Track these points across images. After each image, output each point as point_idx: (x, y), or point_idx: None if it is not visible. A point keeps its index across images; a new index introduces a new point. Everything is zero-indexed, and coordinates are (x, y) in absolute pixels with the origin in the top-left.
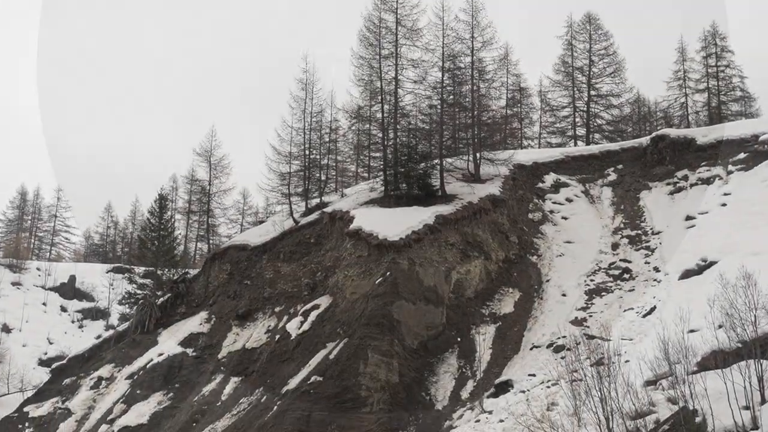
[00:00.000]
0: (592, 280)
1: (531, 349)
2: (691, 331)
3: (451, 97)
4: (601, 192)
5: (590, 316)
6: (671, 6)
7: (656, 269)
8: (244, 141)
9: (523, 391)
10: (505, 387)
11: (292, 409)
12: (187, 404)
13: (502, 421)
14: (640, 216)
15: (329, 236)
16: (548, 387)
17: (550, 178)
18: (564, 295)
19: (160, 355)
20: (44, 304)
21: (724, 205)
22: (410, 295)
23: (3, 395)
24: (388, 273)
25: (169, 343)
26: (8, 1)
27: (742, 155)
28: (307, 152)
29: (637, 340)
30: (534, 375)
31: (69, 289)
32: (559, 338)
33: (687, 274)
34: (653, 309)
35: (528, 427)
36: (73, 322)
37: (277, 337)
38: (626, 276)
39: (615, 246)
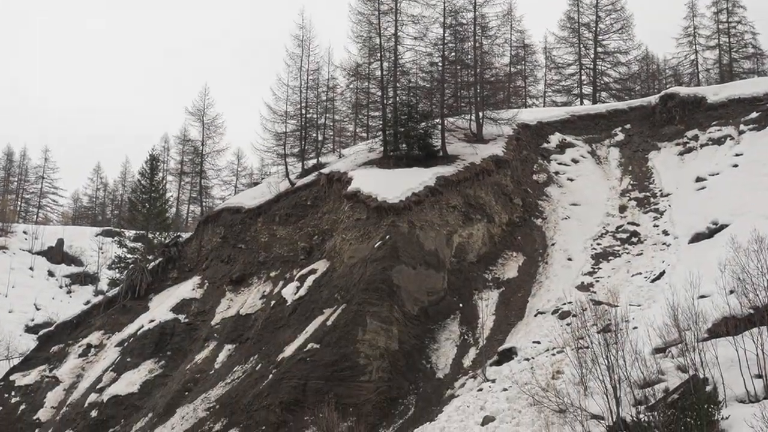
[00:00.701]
0: (598, 244)
1: (535, 315)
2: (702, 296)
3: (453, 54)
4: (608, 152)
5: (597, 281)
6: None
7: (665, 232)
8: (238, 100)
9: (528, 359)
10: (508, 355)
11: (288, 377)
12: (179, 372)
13: (505, 390)
14: (648, 177)
15: (326, 198)
16: (553, 355)
17: (555, 138)
18: (570, 259)
19: (151, 321)
20: (31, 268)
21: (735, 166)
22: (410, 260)
23: None
24: (387, 236)
25: (160, 309)
26: None
27: (754, 114)
28: (303, 111)
29: (646, 306)
30: (539, 342)
31: (57, 253)
32: (564, 304)
33: (697, 238)
34: (662, 274)
35: (533, 396)
36: (61, 287)
37: (273, 302)
38: (634, 239)
39: (622, 208)
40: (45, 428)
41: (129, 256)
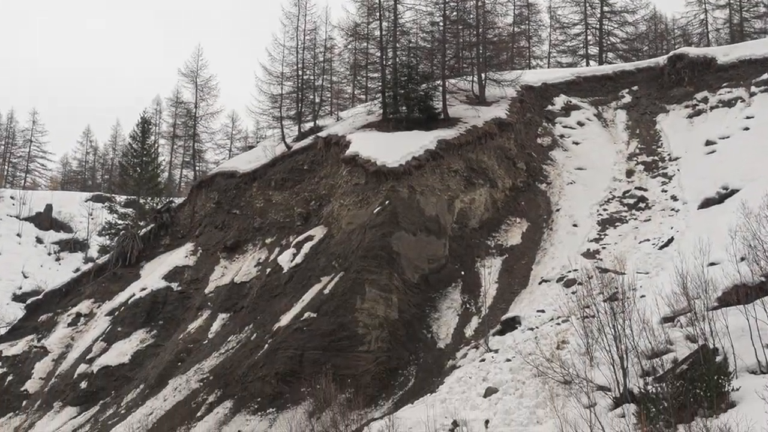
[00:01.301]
0: (605, 210)
1: (540, 283)
2: (712, 263)
3: (455, 13)
4: (614, 115)
5: (603, 247)
6: None
7: (674, 198)
8: (233, 62)
9: (532, 329)
10: (512, 324)
11: (284, 347)
12: (171, 342)
13: (509, 360)
14: (656, 141)
15: (324, 162)
16: (558, 324)
17: (560, 101)
18: (575, 225)
19: (143, 289)
20: (18, 235)
21: (746, 128)
22: (410, 226)
23: None
24: (386, 202)
25: (152, 277)
26: None
27: (766, 75)
28: (300, 72)
29: (654, 274)
30: (543, 311)
31: (45, 219)
32: (569, 272)
33: (707, 203)
34: (671, 240)
35: (537, 367)
36: (49, 254)
37: (268, 270)
38: (642, 205)
39: (630, 173)
40: (33, 400)
41: (120, 222)
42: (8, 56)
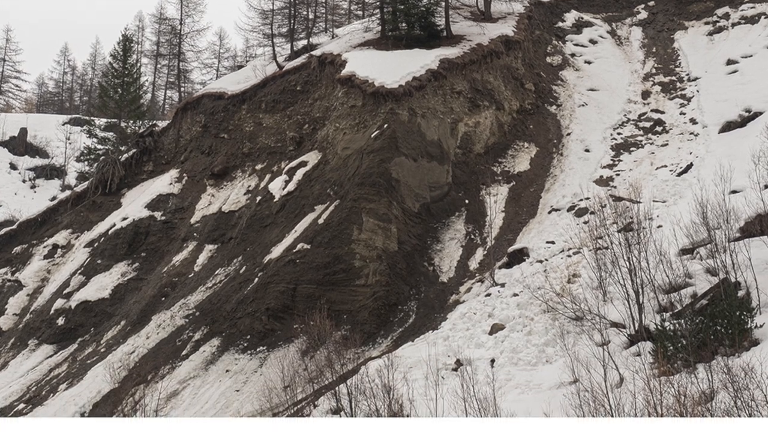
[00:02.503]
0: (619, 134)
1: (549, 212)
2: (733, 191)
3: None
4: (629, 32)
5: (617, 174)
6: None
7: (693, 121)
8: None
9: (541, 261)
10: (519, 256)
11: (276, 281)
12: (155, 276)
13: (516, 295)
14: (674, 60)
15: (318, 83)
16: (569, 256)
17: (571, 17)
18: (587, 150)
19: (124, 219)
20: None
21: None
22: (411, 151)
23: None
24: (385, 125)
25: (134, 206)
26: None
27: None
28: None
29: (671, 203)
30: (553, 242)
31: (19, 144)
32: (581, 200)
33: (728, 127)
34: (689, 166)
35: (546, 302)
36: (24, 181)
37: (259, 198)
38: (659, 129)
39: (646, 94)
40: (6, 337)
41: (99, 147)
42: None
